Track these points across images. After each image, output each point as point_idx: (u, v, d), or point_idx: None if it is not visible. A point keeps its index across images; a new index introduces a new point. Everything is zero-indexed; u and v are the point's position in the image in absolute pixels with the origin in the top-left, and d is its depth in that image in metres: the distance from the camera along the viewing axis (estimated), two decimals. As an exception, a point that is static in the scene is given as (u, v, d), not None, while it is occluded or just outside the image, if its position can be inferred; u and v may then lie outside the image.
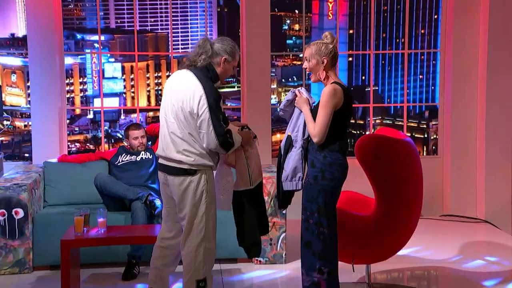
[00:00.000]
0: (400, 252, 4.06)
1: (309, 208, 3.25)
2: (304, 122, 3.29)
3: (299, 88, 3.41)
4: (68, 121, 5.94)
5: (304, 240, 3.30)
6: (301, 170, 3.27)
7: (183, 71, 3.19)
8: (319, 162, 3.23)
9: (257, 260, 4.40)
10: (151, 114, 12.10)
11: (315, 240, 3.24)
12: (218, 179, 3.35)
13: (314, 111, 3.27)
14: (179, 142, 3.12)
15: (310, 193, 3.25)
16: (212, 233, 3.24)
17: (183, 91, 3.11)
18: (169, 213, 3.34)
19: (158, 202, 4.18)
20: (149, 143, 4.86)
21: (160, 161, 3.26)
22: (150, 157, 4.71)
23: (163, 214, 3.40)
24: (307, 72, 3.37)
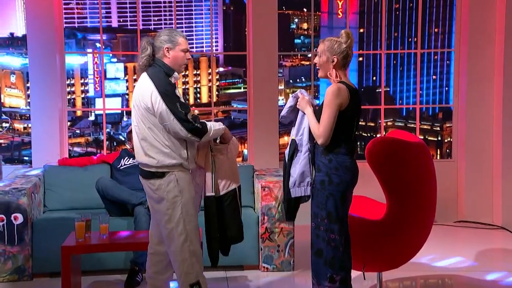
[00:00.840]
0: (413, 260, 4.04)
1: (319, 214, 3.24)
2: (309, 125, 3.28)
3: (300, 90, 3.40)
4: (69, 123, 5.96)
5: (315, 248, 3.29)
6: (309, 175, 3.26)
7: (141, 76, 3.30)
8: (325, 166, 3.22)
9: (264, 267, 4.40)
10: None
11: (326, 248, 3.23)
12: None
13: (318, 112, 3.26)
14: (143, 144, 3.21)
15: (318, 199, 3.24)
16: (194, 234, 3.26)
17: (137, 91, 3.23)
18: (153, 217, 3.40)
19: (161, 207, 4.19)
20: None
21: (139, 165, 3.35)
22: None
23: (151, 228, 3.45)
24: (316, 68, 3.36)
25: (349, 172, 3.23)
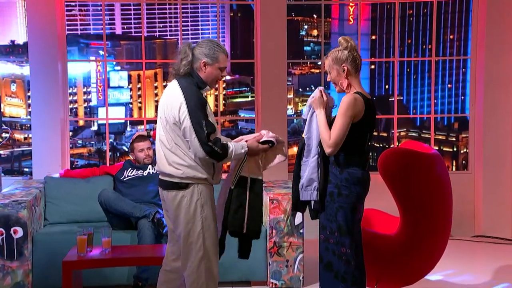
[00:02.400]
0: (428, 276, 4.02)
1: (328, 227, 3.23)
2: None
3: (319, 87, 3.33)
4: (71, 133, 5.98)
5: (324, 261, 3.28)
6: (317, 179, 3.25)
7: (171, 82, 3.28)
8: (335, 177, 3.21)
9: (272, 283, 4.39)
10: (159, 126, 12.16)
11: (336, 261, 3.22)
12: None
13: (331, 122, 3.25)
14: (168, 154, 3.19)
15: (328, 211, 3.23)
16: (212, 251, 3.23)
17: (166, 101, 3.20)
18: (171, 232, 3.36)
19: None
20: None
21: (159, 176, 3.32)
22: (158, 172, 4.72)
23: (168, 234, 3.42)
24: (331, 83, 3.34)
25: (360, 184, 3.22)
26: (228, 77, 22.58)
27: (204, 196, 3.19)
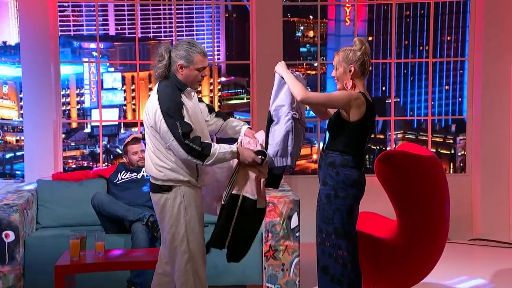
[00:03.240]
0: (425, 280, 4.02)
1: (325, 229, 3.24)
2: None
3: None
4: (63, 135, 5.97)
5: (321, 265, 3.28)
6: (292, 145, 3.20)
7: (154, 88, 3.29)
8: (332, 179, 3.22)
9: (268, 287, 4.38)
10: (153, 128, 12.15)
11: (333, 264, 3.22)
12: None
13: (338, 125, 3.25)
14: (152, 157, 3.24)
15: (325, 213, 3.24)
16: (198, 253, 3.23)
17: (147, 105, 3.24)
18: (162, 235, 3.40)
19: (160, 224, 4.18)
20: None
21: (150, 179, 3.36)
22: (152, 174, 4.71)
23: (161, 237, 3.44)
24: (335, 81, 3.36)
25: (357, 185, 3.23)
26: (223, 79, 22.59)
27: (188, 198, 3.20)
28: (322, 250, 3.27)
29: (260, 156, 3.18)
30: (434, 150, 12.33)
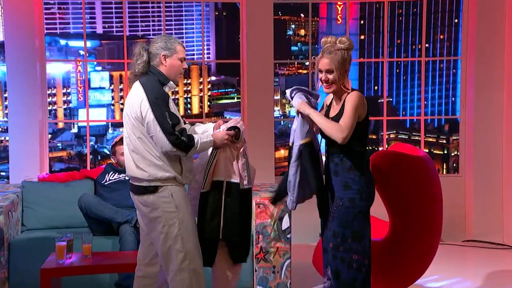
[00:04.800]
0: (418, 282, 4.03)
1: (341, 233, 3.19)
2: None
3: (292, 91, 3.32)
4: (49, 136, 5.95)
5: (333, 270, 3.24)
6: (294, 188, 3.22)
7: (133, 84, 3.29)
8: (355, 182, 3.16)
9: (258, 290, 4.38)
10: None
11: (345, 269, 3.19)
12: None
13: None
14: (134, 156, 3.22)
15: (345, 217, 3.17)
16: (194, 251, 3.24)
17: (128, 100, 3.25)
18: (144, 235, 3.39)
19: (149, 226, 4.17)
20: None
21: (130, 181, 3.34)
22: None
23: (140, 237, 3.45)
24: (323, 84, 3.27)
25: (371, 187, 3.22)
26: (213, 78, 22.57)
27: (177, 196, 3.21)
28: (334, 255, 3.21)
29: (233, 130, 3.30)
30: (427, 151, 12.37)
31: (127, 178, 4.74)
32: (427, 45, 6.26)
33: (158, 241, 3.23)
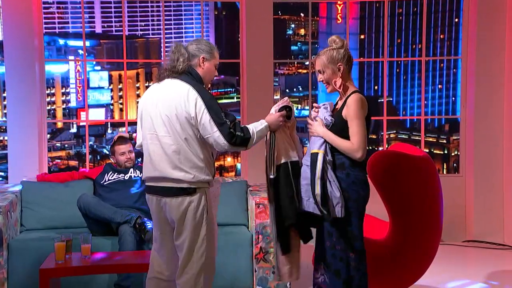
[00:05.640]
0: (418, 282, 4.03)
1: (335, 232, 3.21)
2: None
3: (318, 107, 3.33)
4: (48, 135, 5.95)
5: (333, 269, 3.26)
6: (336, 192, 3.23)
7: (166, 81, 3.23)
8: (342, 181, 3.19)
9: (258, 291, 4.38)
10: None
11: (344, 268, 3.21)
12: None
13: (337, 126, 3.22)
14: (175, 157, 3.13)
15: (338, 216, 3.20)
16: (213, 259, 3.24)
17: (173, 98, 3.14)
18: (164, 241, 3.30)
19: (149, 225, 4.17)
20: (139, 160, 4.86)
21: (150, 183, 3.25)
22: (140, 175, 4.70)
23: (158, 244, 3.35)
24: (324, 84, 3.34)
25: (366, 186, 3.22)
26: (212, 78, 22.56)
27: (209, 200, 3.20)
28: (332, 254, 3.24)
29: (284, 110, 3.27)
30: (427, 150, 12.38)
31: (126, 178, 4.74)
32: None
33: (184, 243, 3.18)
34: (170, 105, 3.14)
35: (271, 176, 3.25)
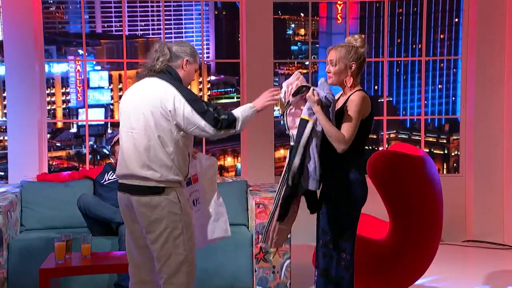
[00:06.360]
0: (418, 282, 4.03)
1: (329, 232, 3.20)
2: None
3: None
4: (48, 135, 5.95)
5: (321, 268, 3.26)
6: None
7: (145, 79, 3.23)
8: (340, 181, 3.18)
9: (258, 290, 4.38)
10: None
11: (334, 267, 3.20)
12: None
13: (337, 123, 3.20)
14: (145, 154, 3.11)
15: (333, 215, 3.19)
16: (192, 254, 3.19)
17: (150, 95, 3.15)
18: (133, 240, 3.25)
19: (148, 226, 4.17)
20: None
21: (121, 181, 3.22)
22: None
23: (132, 253, 3.28)
24: (328, 76, 3.30)
25: (363, 187, 3.21)
26: (213, 78, 22.55)
27: (183, 200, 3.15)
28: (324, 253, 3.23)
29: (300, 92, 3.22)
30: (427, 150, 12.38)
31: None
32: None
33: (156, 243, 3.15)
34: (146, 101, 3.13)
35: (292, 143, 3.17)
